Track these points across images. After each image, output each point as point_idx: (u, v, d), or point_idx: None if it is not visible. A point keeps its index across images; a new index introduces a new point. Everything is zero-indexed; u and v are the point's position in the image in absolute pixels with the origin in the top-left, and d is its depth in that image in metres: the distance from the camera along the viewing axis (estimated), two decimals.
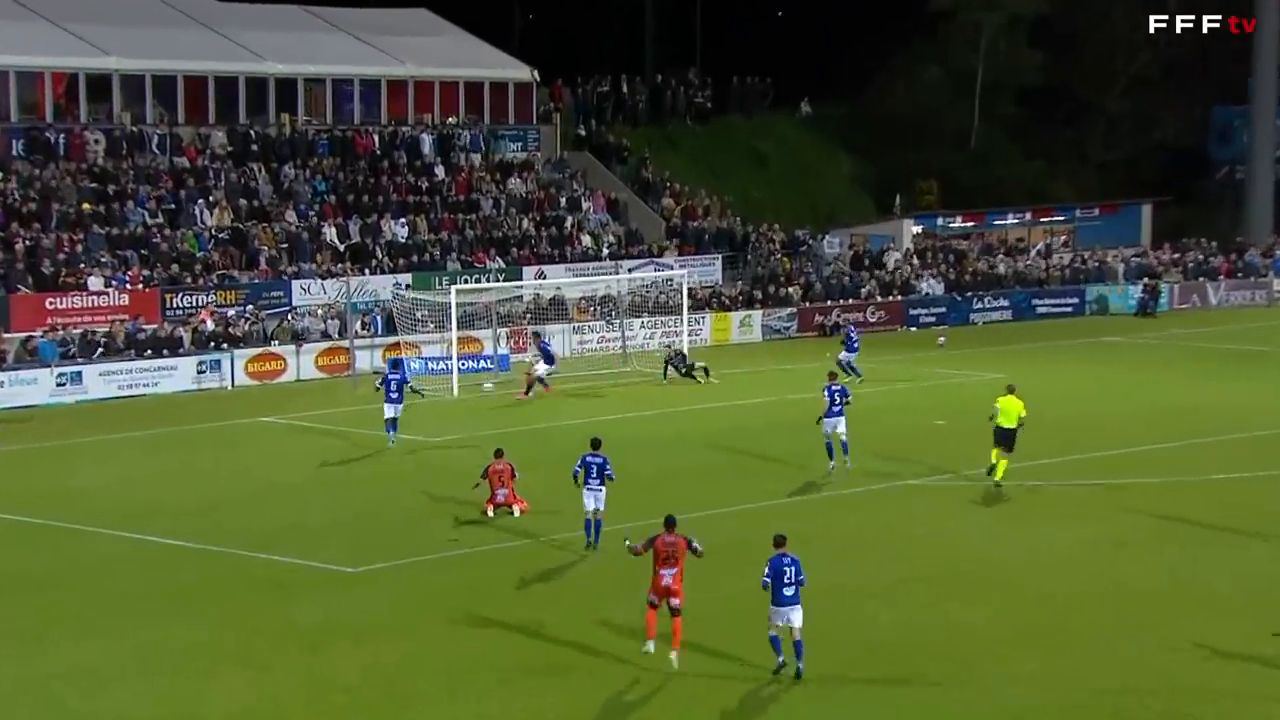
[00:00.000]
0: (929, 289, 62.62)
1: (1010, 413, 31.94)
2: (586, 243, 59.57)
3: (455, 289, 47.71)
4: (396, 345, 48.46)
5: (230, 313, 49.24)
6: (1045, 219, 72.28)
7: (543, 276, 56.06)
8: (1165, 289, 65.52)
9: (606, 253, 59.18)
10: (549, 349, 46.31)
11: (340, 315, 49.92)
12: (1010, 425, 31.91)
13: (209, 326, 48.00)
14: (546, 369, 44.71)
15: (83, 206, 51.53)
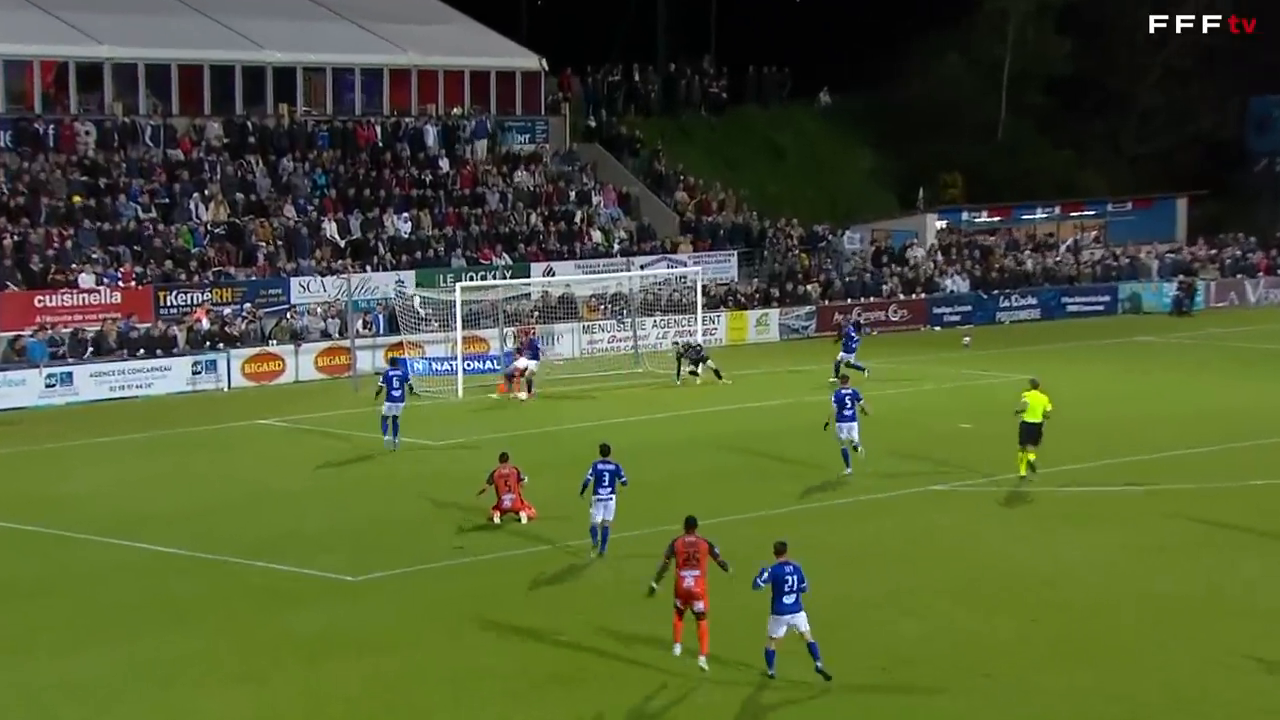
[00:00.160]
0: (954, 287, 62.63)
1: (1035, 408, 32.67)
2: (597, 238, 59.61)
3: (460, 286, 47.84)
4: (399, 345, 48.58)
5: (226, 311, 49.35)
6: (1075, 213, 72.24)
7: (551, 273, 56.15)
8: (1201, 286, 65.49)
9: (617, 249, 59.23)
10: (538, 345, 46.44)
11: (341, 314, 50.02)
12: (1036, 420, 32.65)
13: (204, 325, 48.10)
14: (527, 364, 44.78)
15: (73, 200, 51.66)
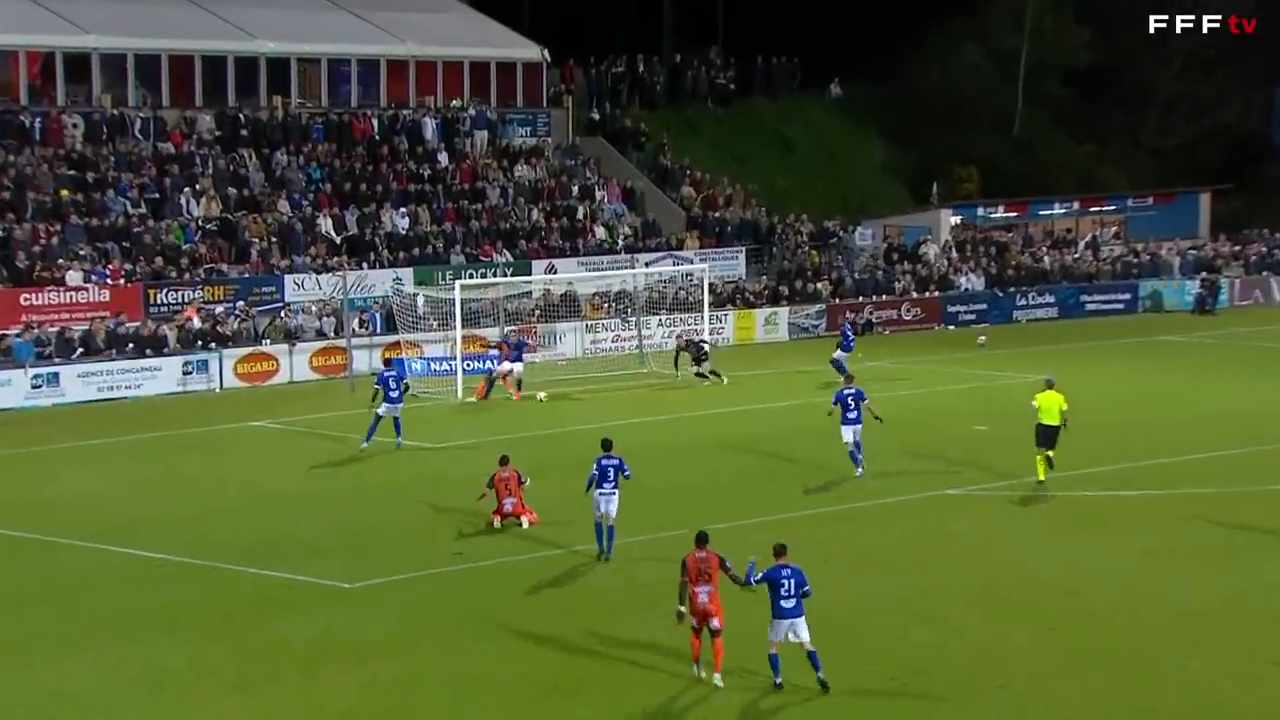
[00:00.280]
0: (968, 284, 62.64)
1: (1051, 409, 32.50)
2: (600, 234, 59.65)
3: (460, 284, 47.84)
4: (396, 345, 48.61)
5: (218, 310, 49.39)
6: (1094, 209, 72.29)
7: (553, 271, 56.19)
8: (1224, 284, 65.46)
9: (622, 245, 59.24)
10: (523, 346, 46.54)
11: (336, 312, 50.05)
12: (1053, 422, 32.49)
13: (195, 324, 48.14)
14: (511, 366, 44.80)
15: (60, 195, 51.74)
